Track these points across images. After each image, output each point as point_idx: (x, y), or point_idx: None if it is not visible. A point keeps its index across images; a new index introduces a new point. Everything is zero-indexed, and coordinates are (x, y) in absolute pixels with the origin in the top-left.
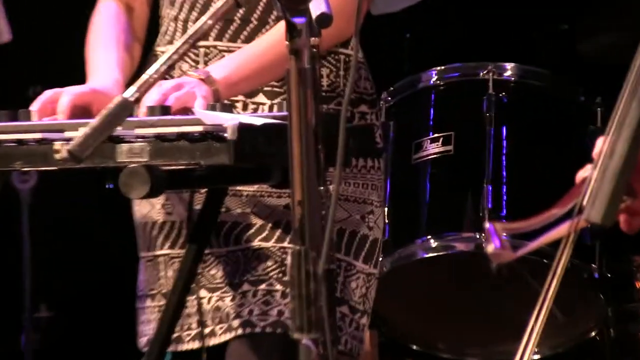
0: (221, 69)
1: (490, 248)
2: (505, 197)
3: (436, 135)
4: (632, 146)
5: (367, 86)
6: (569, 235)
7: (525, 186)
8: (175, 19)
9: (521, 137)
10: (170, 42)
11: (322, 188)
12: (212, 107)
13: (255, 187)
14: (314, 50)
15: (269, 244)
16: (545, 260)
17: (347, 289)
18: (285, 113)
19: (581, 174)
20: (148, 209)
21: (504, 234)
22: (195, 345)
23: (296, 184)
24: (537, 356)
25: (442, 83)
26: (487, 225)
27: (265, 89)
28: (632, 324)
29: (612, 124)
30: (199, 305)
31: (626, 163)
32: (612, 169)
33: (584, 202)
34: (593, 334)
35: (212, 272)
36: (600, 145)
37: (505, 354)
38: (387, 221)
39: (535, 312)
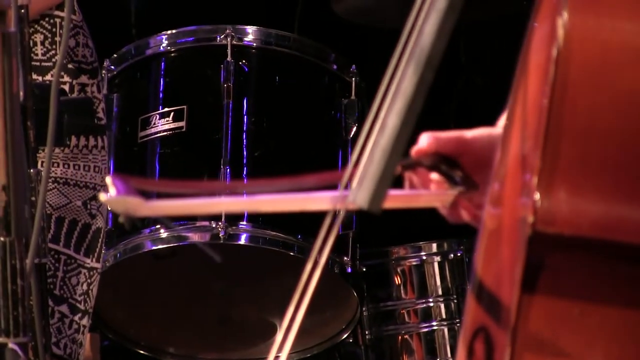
0: None
1: (105, 196)
2: (245, 181)
3: (166, 109)
4: (405, 120)
5: (87, 54)
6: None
7: (269, 167)
8: None
9: (264, 112)
10: None
11: (31, 170)
12: None
13: None
14: (22, 11)
15: None
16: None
17: (67, 285)
18: None
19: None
20: None
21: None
22: None
23: (0, 166)
24: None
25: (173, 49)
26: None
27: None
28: (389, 325)
29: (384, 93)
30: None
31: (397, 140)
32: (382, 147)
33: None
34: (345, 336)
35: None
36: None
37: None
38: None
39: (291, 312)
